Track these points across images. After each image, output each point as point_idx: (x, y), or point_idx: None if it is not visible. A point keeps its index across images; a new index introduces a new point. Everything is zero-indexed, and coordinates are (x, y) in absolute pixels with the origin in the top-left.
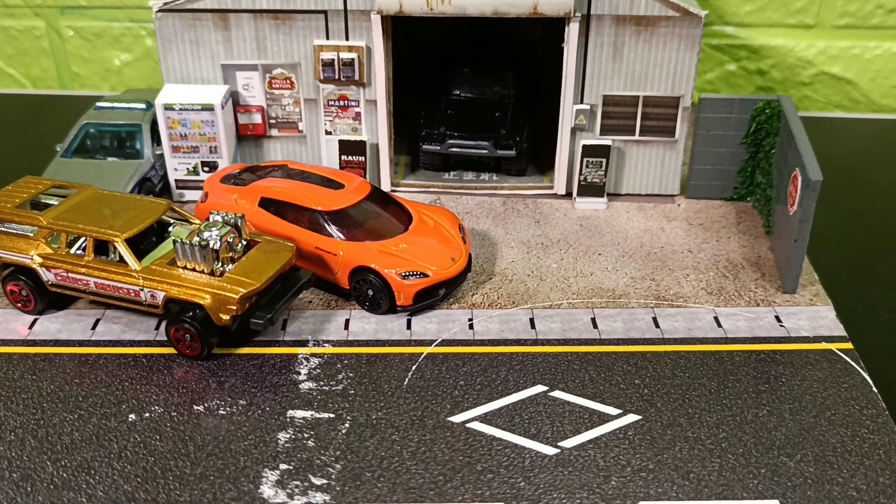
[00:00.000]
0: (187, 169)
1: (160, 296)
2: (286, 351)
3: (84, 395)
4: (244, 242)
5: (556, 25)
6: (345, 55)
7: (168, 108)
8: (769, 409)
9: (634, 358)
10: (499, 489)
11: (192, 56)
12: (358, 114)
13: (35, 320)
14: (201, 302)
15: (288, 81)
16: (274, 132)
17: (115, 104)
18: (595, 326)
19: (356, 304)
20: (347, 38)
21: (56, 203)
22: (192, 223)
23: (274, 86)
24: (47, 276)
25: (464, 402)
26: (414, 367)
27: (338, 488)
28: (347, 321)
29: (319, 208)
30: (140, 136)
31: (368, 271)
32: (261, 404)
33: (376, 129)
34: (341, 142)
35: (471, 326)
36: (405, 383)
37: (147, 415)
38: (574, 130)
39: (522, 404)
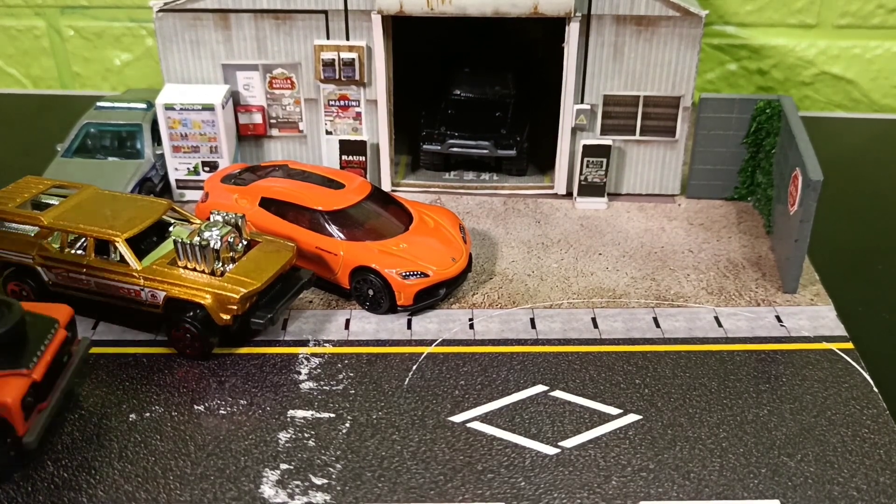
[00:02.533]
0: (188, 169)
1: (161, 296)
2: (287, 351)
3: (84, 395)
4: (244, 242)
5: (556, 25)
6: (345, 55)
7: (168, 107)
8: (770, 408)
9: (635, 358)
10: (499, 489)
11: (193, 56)
12: (358, 114)
13: None
14: (202, 302)
15: (288, 81)
16: (274, 132)
17: (116, 104)
18: (595, 326)
19: (356, 303)
20: (348, 38)
21: (57, 203)
22: (192, 223)
23: (274, 86)
24: (48, 276)
25: (464, 402)
26: (414, 367)
27: (338, 488)
28: (348, 321)
29: (320, 208)
30: (140, 135)
31: (369, 271)
32: (261, 404)
33: (377, 129)
34: (342, 142)
35: (471, 326)
36: (406, 383)
37: (147, 414)
38: (574, 130)
39: (523, 404)
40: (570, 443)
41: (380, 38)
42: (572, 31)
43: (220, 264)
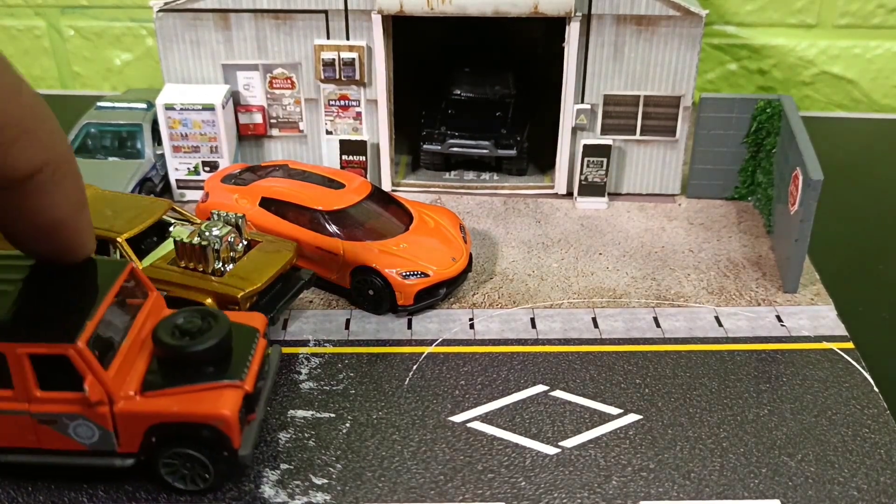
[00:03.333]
0: (188, 169)
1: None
2: (287, 350)
3: None
4: (245, 242)
5: (556, 25)
6: (345, 55)
7: (169, 107)
8: (770, 408)
9: (635, 357)
10: (499, 489)
11: (193, 56)
12: (359, 113)
13: None
14: (203, 302)
15: (289, 81)
16: (274, 132)
17: (116, 104)
18: (596, 326)
19: (356, 304)
20: (348, 38)
21: None
22: (192, 223)
23: (275, 85)
24: None
25: (464, 402)
26: (415, 367)
27: (339, 488)
28: (348, 321)
29: (320, 208)
30: (141, 135)
31: (369, 271)
32: None
33: (377, 129)
34: (342, 141)
35: (471, 326)
36: (406, 383)
37: None
38: (575, 130)
39: (523, 404)
40: (570, 442)
41: (380, 37)
42: (572, 31)
43: (221, 264)
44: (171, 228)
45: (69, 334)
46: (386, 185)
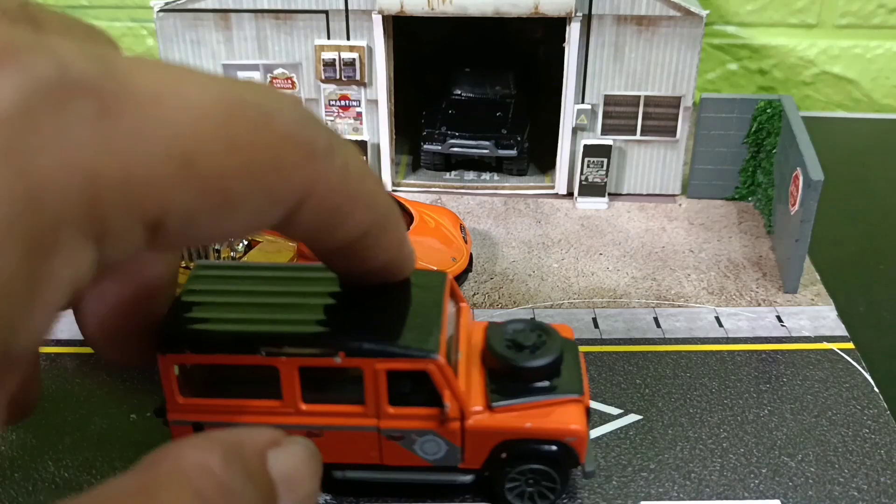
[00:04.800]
0: None
1: None
2: None
3: (86, 396)
4: (245, 242)
5: (557, 25)
6: (346, 55)
7: None
8: (770, 409)
9: (635, 358)
10: None
11: (194, 56)
12: (359, 114)
13: None
14: None
15: (289, 81)
16: None
17: None
18: (596, 326)
19: None
20: (349, 38)
21: None
22: None
23: (275, 85)
24: None
25: None
26: None
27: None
28: None
29: None
30: None
31: None
32: None
33: (377, 129)
34: None
35: None
36: None
37: (148, 414)
38: (575, 130)
39: None
40: None
41: (380, 38)
42: (573, 31)
43: None
44: None
45: (429, 349)
46: (386, 186)
